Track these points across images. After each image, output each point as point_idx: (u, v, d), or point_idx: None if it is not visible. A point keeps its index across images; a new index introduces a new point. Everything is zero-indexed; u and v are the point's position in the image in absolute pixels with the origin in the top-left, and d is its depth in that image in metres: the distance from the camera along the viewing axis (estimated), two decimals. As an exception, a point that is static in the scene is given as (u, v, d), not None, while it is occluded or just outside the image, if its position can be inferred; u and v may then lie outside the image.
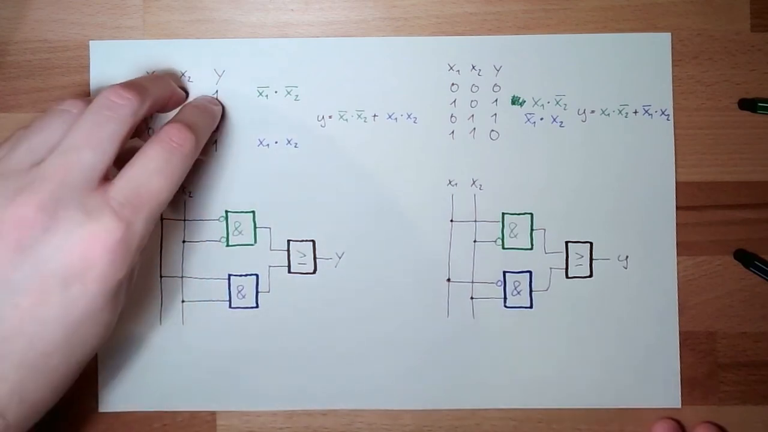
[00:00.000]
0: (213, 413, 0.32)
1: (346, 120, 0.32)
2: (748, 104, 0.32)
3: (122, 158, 0.26)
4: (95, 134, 0.25)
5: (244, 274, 0.32)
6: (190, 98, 0.32)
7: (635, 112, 0.32)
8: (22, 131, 0.27)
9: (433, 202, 0.32)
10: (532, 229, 0.32)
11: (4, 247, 0.23)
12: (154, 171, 0.26)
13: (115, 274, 0.24)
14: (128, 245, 0.25)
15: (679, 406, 0.32)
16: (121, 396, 0.32)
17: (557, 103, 0.32)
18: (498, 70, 0.32)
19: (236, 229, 0.32)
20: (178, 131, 0.27)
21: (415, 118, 0.32)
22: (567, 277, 0.32)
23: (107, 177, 0.26)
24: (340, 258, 0.32)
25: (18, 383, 0.24)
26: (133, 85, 0.27)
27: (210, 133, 0.30)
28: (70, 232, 0.24)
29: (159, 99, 0.29)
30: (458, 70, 0.32)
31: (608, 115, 0.32)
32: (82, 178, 0.25)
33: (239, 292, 0.32)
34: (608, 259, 0.32)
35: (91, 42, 0.32)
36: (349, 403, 0.32)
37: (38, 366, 0.24)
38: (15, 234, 0.23)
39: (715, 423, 0.32)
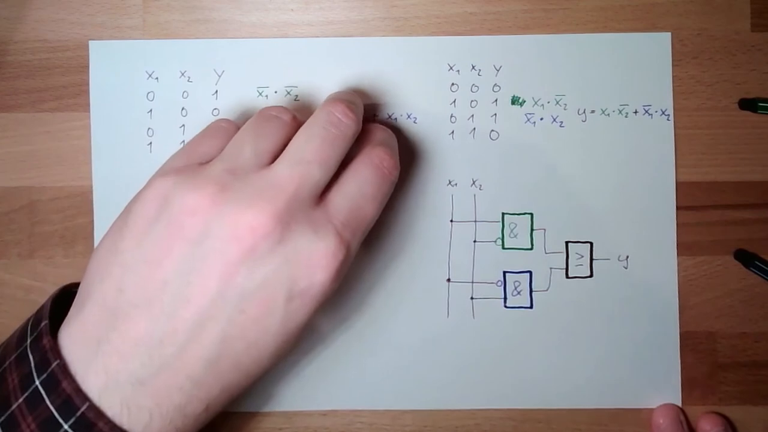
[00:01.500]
0: (213, 413, 0.32)
1: (346, 120, 0.32)
2: (748, 104, 0.32)
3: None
4: (325, 151, 0.25)
5: (244, 274, 0.32)
6: (190, 98, 0.32)
7: (635, 112, 0.32)
8: (238, 132, 0.27)
9: (433, 202, 0.32)
10: (532, 229, 0.32)
11: (237, 251, 0.23)
12: (369, 196, 0.26)
13: (329, 294, 0.25)
14: (345, 267, 0.25)
15: (679, 405, 0.32)
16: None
17: (557, 103, 0.32)
18: (498, 70, 0.32)
19: (236, 229, 0.32)
20: (390, 157, 0.27)
21: (415, 118, 0.32)
22: (567, 277, 0.32)
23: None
24: (340, 258, 0.32)
25: (228, 383, 0.24)
26: (353, 105, 0.27)
27: None
28: (299, 247, 0.24)
29: (361, 121, 0.28)
30: (458, 70, 0.32)
31: (608, 115, 0.32)
32: (311, 192, 0.25)
33: (239, 292, 0.32)
34: (608, 259, 0.32)
35: (91, 42, 0.32)
36: (349, 403, 0.32)
37: (249, 371, 0.24)
38: (250, 241, 0.23)
39: (720, 414, 0.32)
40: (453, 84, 0.32)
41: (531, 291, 0.32)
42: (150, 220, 0.24)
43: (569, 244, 0.32)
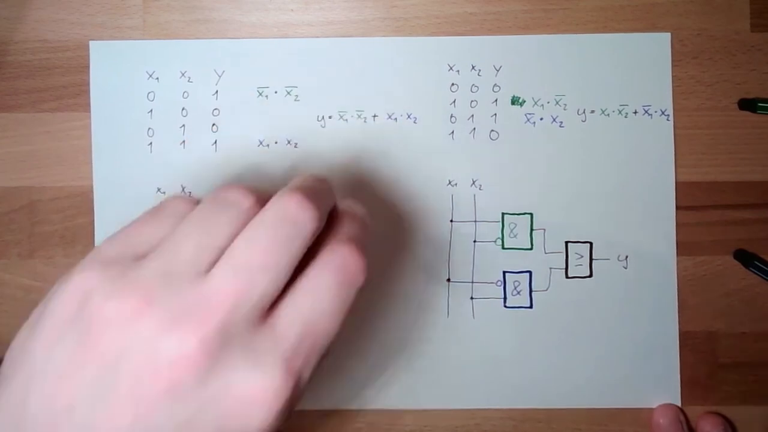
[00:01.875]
0: (213, 413, 0.32)
1: (346, 120, 0.32)
2: (748, 104, 0.32)
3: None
4: (274, 255, 0.21)
5: (244, 274, 0.32)
6: (190, 98, 0.32)
7: (635, 112, 0.32)
8: (186, 215, 0.22)
9: (433, 202, 0.32)
10: (532, 229, 0.32)
11: (153, 385, 0.19)
12: (327, 312, 0.21)
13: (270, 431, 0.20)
14: (292, 403, 0.20)
15: (679, 405, 0.32)
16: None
17: (557, 103, 0.32)
18: (498, 70, 0.32)
19: (236, 229, 0.32)
20: (355, 260, 0.22)
21: (415, 118, 0.32)
22: (567, 277, 0.32)
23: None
24: (340, 258, 0.32)
25: None
26: (313, 195, 0.22)
27: None
28: (232, 382, 0.19)
29: (327, 213, 0.23)
30: (458, 71, 0.32)
31: (608, 115, 0.32)
32: (252, 308, 0.20)
33: (239, 292, 0.32)
34: (608, 259, 0.32)
35: (91, 42, 0.32)
36: (350, 403, 0.32)
37: None
38: (169, 373, 0.19)
39: (720, 414, 0.32)
40: (453, 84, 0.32)
41: (531, 291, 0.32)
42: (65, 322, 0.20)
43: (569, 244, 0.32)
